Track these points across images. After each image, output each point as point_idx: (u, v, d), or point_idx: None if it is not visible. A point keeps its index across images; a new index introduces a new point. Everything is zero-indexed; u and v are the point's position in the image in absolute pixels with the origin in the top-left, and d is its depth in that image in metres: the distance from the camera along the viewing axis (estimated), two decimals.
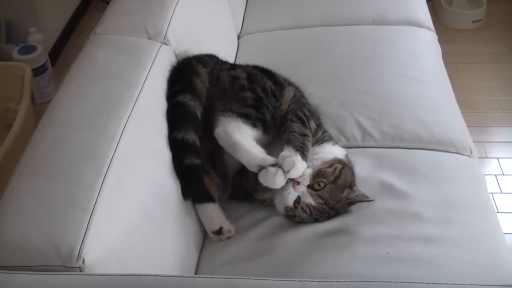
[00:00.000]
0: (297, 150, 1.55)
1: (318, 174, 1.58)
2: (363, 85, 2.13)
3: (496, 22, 3.83)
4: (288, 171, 1.52)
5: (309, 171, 1.57)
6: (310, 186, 1.57)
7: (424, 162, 1.83)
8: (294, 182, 1.56)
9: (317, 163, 1.60)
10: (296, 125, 1.65)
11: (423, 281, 1.17)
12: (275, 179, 1.51)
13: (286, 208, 1.58)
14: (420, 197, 1.68)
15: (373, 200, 1.62)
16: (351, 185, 1.62)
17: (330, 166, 1.60)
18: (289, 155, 1.53)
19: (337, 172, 1.60)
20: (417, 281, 1.35)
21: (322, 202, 1.57)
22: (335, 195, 1.58)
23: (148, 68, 1.65)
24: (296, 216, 1.58)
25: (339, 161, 1.65)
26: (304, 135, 1.62)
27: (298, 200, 1.57)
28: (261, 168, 1.55)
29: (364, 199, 1.61)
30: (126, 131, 1.44)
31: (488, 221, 1.69)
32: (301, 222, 1.59)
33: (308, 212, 1.57)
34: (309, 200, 1.56)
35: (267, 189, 1.57)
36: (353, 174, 1.66)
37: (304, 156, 1.56)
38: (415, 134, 1.93)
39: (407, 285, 1.09)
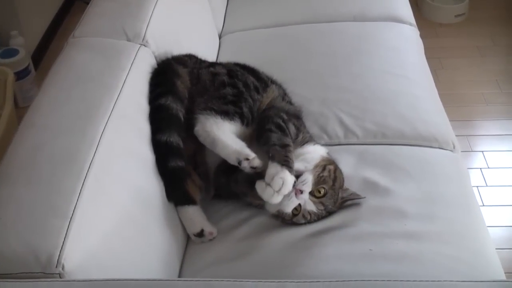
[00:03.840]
0: (282, 165, 1.52)
1: (319, 181, 1.57)
2: (345, 83, 2.13)
3: (479, 16, 3.85)
4: (278, 190, 1.49)
5: (310, 178, 1.56)
6: (311, 193, 1.56)
7: (407, 158, 1.83)
8: (297, 190, 1.54)
9: (310, 166, 1.59)
10: (275, 135, 1.61)
11: (407, 277, 1.18)
12: (272, 200, 1.50)
13: (283, 214, 1.57)
14: (403, 193, 1.68)
15: (364, 197, 1.62)
16: (342, 184, 1.63)
17: (324, 169, 1.60)
18: (275, 172, 1.50)
19: (332, 174, 1.60)
20: (400, 277, 1.35)
21: (323, 208, 1.57)
22: (334, 199, 1.59)
23: (127, 70, 1.64)
24: (286, 219, 1.58)
25: (328, 160, 1.65)
26: (285, 145, 1.58)
27: (297, 208, 1.56)
28: (239, 161, 1.55)
29: (357, 197, 1.62)
30: (105, 135, 1.43)
31: (471, 216, 1.69)
32: (291, 223, 1.59)
33: (309, 218, 1.57)
34: (311, 207, 1.56)
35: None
36: (342, 174, 1.66)
37: (291, 169, 1.53)
38: (397, 130, 1.93)
39: (387, 283, 1.09)
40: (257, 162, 1.55)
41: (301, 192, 1.54)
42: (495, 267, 1.54)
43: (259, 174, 1.55)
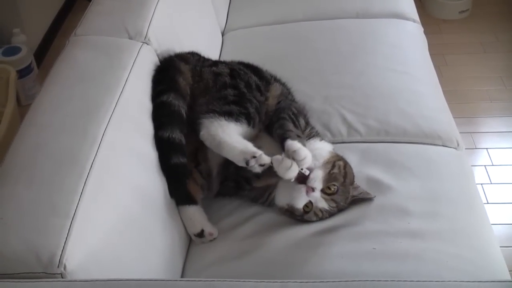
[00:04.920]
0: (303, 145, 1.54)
1: (329, 178, 1.57)
2: (348, 80, 2.12)
3: (482, 12, 3.84)
4: (301, 160, 1.50)
5: (320, 174, 1.56)
6: (322, 190, 1.56)
7: (410, 156, 1.82)
8: (308, 187, 1.53)
9: (319, 163, 1.59)
10: (290, 124, 1.64)
11: (410, 276, 1.17)
12: (288, 172, 1.50)
13: (293, 209, 1.57)
14: (406, 191, 1.67)
15: (375, 196, 1.62)
16: (353, 180, 1.62)
17: (334, 166, 1.60)
18: (299, 146, 1.52)
19: (342, 170, 1.60)
20: (404, 276, 1.35)
21: (334, 205, 1.57)
22: (346, 196, 1.59)
23: (129, 69, 1.63)
24: (297, 215, 1.57)
25: (337, 156, 1.65)
26: (299, 136, 1.61)
27: (308, 205, 1.55)
28: (247, 160, 1.53)
29: (367, 196, 1.62)
30: (107, 134, 1.42)
31: (475, 214, 1.68)
32: (302, 220, 1.58)
33: (320, 215, 1.57)
34: (322, 204, 1.56)
35: (272, 176, 1.56)
36: (352, 169, 1.66)
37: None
38: (400, 128, 1.92)
39: (389, 283, 1.08)
40: (264, 158, 1.53)
41: (313, 190, 1.53)
42: (499, 265, 1.53)
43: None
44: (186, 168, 1.60)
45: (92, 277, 1.19)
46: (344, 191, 1.58)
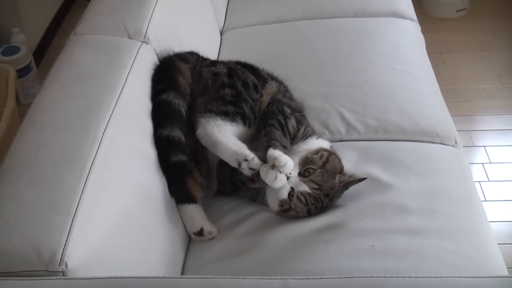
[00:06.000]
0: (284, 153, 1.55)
1: (306, 161, 1.58)
2: (347, 78, 2.13)
3: (480, 11, 3.84)
4: (282, 166, 1.51)
5: (296, 159, 1.57)
6: (300, 174, 1.57)
7: (408, 154, 1.83)
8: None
9: (302, 154, 1.61)
10: (278, 132, 1.64)
11: (409, 273, 1.17)
12: (275, 182, 1.52)
13: (281, 202, 1.57)
14: (405, 188, 1.68)
15: (366, 178, 1.61)
16: (341, 171, 1.63)
17: (316, 153, 1.61)
18: (279, 153, 1.53)
19: (324, 158, 1.61)
20: (403, 273, 1.35)
21: (317, 187, 1.57)
22: (327, 180, 1.58)
23: (129, 68, 1.64)
24: (290, 210, 1.57)
25: (325, 149, 1.66)
26: (284, 147, 1.61)
27: (291, 193, 1.56)
28: (239, 162, 1.55)
29: (358, 179, 1.61)
30: (107, 132, 1.43)
31: (473, 211, 1.69)
32: (295, 216, 1.59)
33: (304, 200, 1.56)
34: (303, 187, 1.56)
35: None
36: (340, 161, 1.66)
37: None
38: (399, 126, 1.92)
39: (389, 279, 1.09)
40: (255, 163, 1.55)
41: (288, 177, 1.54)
42: (497, 262, 1.54)
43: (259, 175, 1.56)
44: (185, 166, 1.61)
45: (93, 275, 1.20)
46: (324, 174, 1.58)
